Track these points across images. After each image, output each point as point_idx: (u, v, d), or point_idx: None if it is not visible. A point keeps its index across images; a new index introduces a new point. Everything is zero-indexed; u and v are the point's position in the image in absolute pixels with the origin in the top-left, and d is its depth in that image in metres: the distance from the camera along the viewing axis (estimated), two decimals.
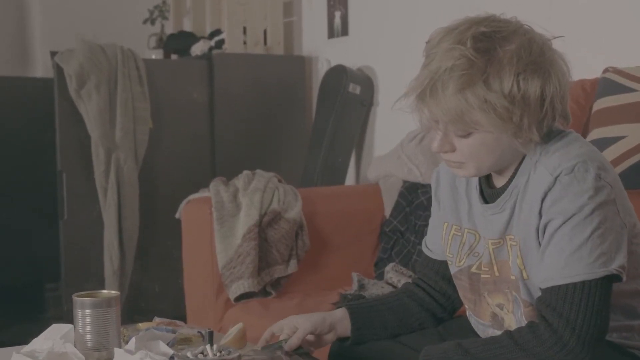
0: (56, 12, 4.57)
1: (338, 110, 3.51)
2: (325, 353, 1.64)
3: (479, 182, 1.51)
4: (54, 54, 3.36)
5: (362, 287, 2.55)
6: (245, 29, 3.89)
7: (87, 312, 1.52)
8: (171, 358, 1.45)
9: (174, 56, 4.12)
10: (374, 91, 3.58)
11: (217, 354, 1.41)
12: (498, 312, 1.49)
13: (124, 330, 1.64)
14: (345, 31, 3.72)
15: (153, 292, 3.52)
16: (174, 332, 1.64)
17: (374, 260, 2.82)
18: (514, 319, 1.46)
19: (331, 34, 3.80)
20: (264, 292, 2.62)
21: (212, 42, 3.91)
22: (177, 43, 4.09)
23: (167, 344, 1.51)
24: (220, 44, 3.86)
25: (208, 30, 4.08)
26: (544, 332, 1.31)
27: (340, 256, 2.79)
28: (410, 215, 2.78)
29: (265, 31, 3.95)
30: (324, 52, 3.86)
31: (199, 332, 1.67)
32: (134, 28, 4.37)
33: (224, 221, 2.63)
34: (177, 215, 2.85)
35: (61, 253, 3.37)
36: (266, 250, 2.63)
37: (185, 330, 1.68)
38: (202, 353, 1.41)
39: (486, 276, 1.49)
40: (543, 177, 1.36)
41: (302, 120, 3.88)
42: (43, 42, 4.53)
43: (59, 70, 3.29)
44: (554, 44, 1.39)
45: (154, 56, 4.16)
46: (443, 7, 3.06)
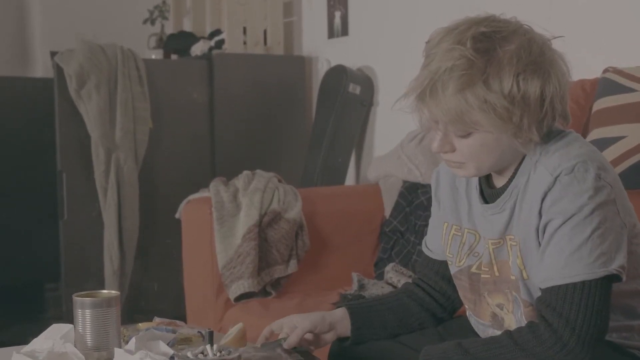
0: (56, 12, 4.57)
1: (338, 110, 3.51)
2: (325, 353, 1.64)
3: (479, 182, 1.51)
4: (54, 54, 3.36)
5: (362, 287, 2.55)
6: (245, 29, 3.89)
7: (87, 312, 1.52)
8: (171, 358, 1.45)
9: (174, 56, 4.11)
10: (374, 91, 3.58)
11: (217, 354, 1.41)
12: (498, 312, 1.49)
13: (124, 330, 1.64)
14: (345, 31, 3.72)
15: (153, 292, 3.51)
16: (174, 332, 1.64)
17: (374, 260, 2.82)
18: (514, 319, 1.46)
19: (331, 34, 3.80)
20: (264, 292, 2.62)
21: (212, 42, 3.91)
22: (177, 43, 4.08)
23: (167, 344, 1.51)
24: (220, 44, 3.86)
25: (208, 30, 4.08)
26: (544, 332, 1.31)
27: (340, 256, 2.79)
28: (410, 216, 2.78)
29: (265, 31, 3.95)
30: (324, 52, 3.85)
31: (199, 332, 1.68)
32: (134, 28, 4.37)
33: (224, 221, 2.63)
34: (177, 215, 2.85)
35: (61, 253, 3.37)
36: (266, 250, 2.63)
37: (185, 330, 1.68)
38: (202, 353, 1.41)
39: (486, 276, 1.49)
40: (543, 177, 1.36)
41: (302, 120, 3.87)
42: (43, 42, 4.53)
43: (59, 70, 3.29)
44: (554, 44, 1.39)
45: (154, 56, 4.16)
46: (443, 7, 3.06)
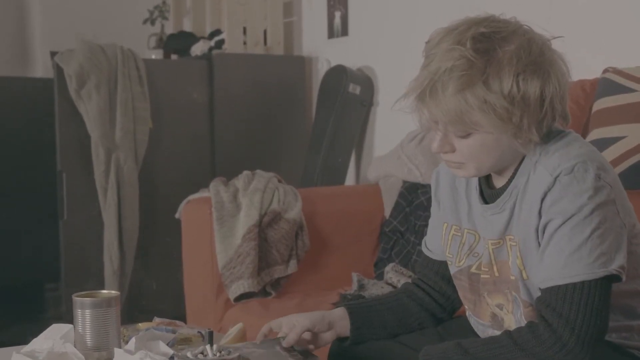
0: (56, 12, 4.57)
1: (338, 111, 3.51)
2: (325, 353, 1.64)
3: (479, 183, 1.51)
4: (54, 54, 3.36)
5: (362, 287, 2.55)
6: (245, 29, 3.89)
7: (87, 312, 1.52)
8: (171, 358, 1.45)
9: (174, 56, 4.11)
10: (374, 91, 3.58)
11: (217, 354, 1.41)
12: (498, 313, 1.49)
13: (124, 330, 1.64)
14: (345, 31, 3.72)
15: (153, 292, 3.51)
16: (174, 332, 1.64)
17: (374, 261, 2.82)
18: (514, 319, 1.46)
19: (331, 34, 3.80)
20: (264, 292, 2.62)
21: (212, 42, 3.91)
22: (177, 43, 4.09)
23: (167, 344, 1.51)
24: (220, 44, 3.86)
25: (208, 30, 4.08)
26: (544, 332, 1.31)
27: (340, 256, 2.79)
28: (410, 216, 2.78)
29: (265, 31, 3.95)
30: (324, 52, 3.85)
31: (199, 332, 1.68)
32: (134, 28, 4.37)
33: (224, 221, 2.63)
34: (177, 215, 2.85)
35: (61, 253, 3.37)
36: (266, 251, 2.63)
37: (185, 330, 1.69)
38: (202, 353, 1.41)
39: (486, 276, 1.49)
40: (543, 178, 1.36)
41: (302, 120, 3.87)
42: (43, 42, 4.53)
43: (59, 70, 3.29)
44: (553, 44, 1.39)
45: (154, 56, 4.16)
46: (443, 7, 3.06)
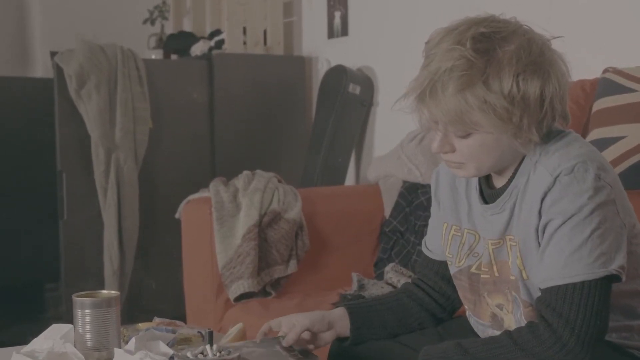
0: (56, 12, 4.57)
1: (338, 111, 3.51)
2: (325, 353, 1.64)
3: (479, 183, 1.51)
4: (54, 54, 3.36)
5: (361, 287, 2.55)
6: (245, 29, 3.89)
7: (87, 312, 1.52)
8: (171, 358, 1.45)
9: (173, 56, 4.11)
10: (374, 91, 3.58)
11: (217, 354, 1.41)
12: (498, 313, 1.49)
13: (124, 330, 1.64)
14: (345, 31, 3.72)
15: (153, 292, 3.51)
16: (174, 332, 1.64)
17: (374, 261, 2.82)
18: (514, 319, 1.46)
19: (331, 34, 3.80)
20: (264, 292, 2.62)
21: (212, 42, 3.91)
22: (177, 43, 4.09)
23: (167, 344, 1.51)
24: (220, 44, 3.86)
25: (208, 30, 4.08)
26: (544, 332, 1.31)
27: (340, 256, 2.79)
28: (410, 216, 2.78)
29: (265, 31, 3.95)
30: (324, 52, 3.85)
31: (198, 332, 1.68)
32: (134, 28, 4.37)
33: (224, 221, 2.63)
34: (177, 215, 2.85)
35: (61, 253, 3.37)
36: (266, 251, 2.63)
37: (185, 330, 1.69)
38: (202, 353, 1.41)
39: (486, 276, 1.49)
40: (543, 178, 1.36)
41: (302, 120, 3.87)
42: (43, 42, 4.53)
43: (59, 70, 3.29)
44: (553, 44, 1.39)
45: (153, 56, 4.16)
46: (443, 7, 3.06)
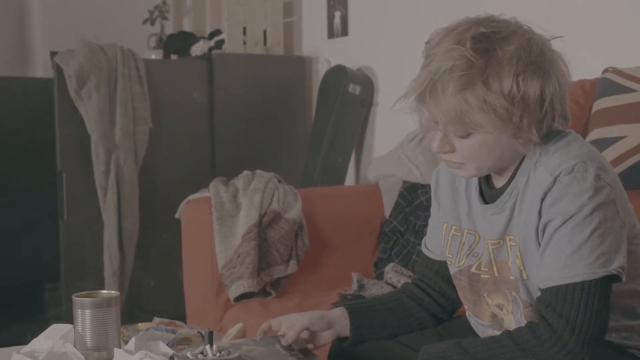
0: (56, 12, 4.57)
1: (338, 111, 3.51)
2: (325, 353, 1.64)
3: (479, 183, 1.51)
4: (54, 54, 3.36)
5: (361, 287, 2.55)
6: (245, 29, 3.89)
7: (87, 312, 1.52)
8: (171, 358, 1.45)
9: (173, 56, 4.11)
10: (373, 91, 3.58)
11: (217, 354, 1.41)
12: (498, 313, 1.49)
13: (124, 330, 1.64)
14: (345, 31, 3.72)
15: (153, 292, 3.52)
16: (174, 332, 1.64)
17: (374, 261, 2.82)
18: (514, 319, 1.46)
19: (331, 34, 3.80)
20: (264, 292, 2.62)
21: (212, 42, 3.91)
22: (177, 43, 4.09)
23: (167, 344, 1.51)
24: (220, 44, 3.86)
25: (208, 30, 4.08)
26: (544, 332, 1.31)
27: (340, 256, 2.79)
28: (410, 216, 2.78)
29: (265, 31, 3.95)
30: (324, 52, 3.85)
31: (198, 332, 1.68)
32: (134, 28, 4.37)
33: (224, 221, 2.63)
34: (177, 215, 2.85)
35: (61, 253, 3.37)
36: (266, 251, 2.63)
37: (185, 330, 1.68)
38: (202, 353, 1.41)
39: (486, 276, 1.49)
40: (543, 178, 1.36)
41: (302, 120, 3.87)
42: (43, 42, 4.53)
43: (58, 70, 3.29)
44: (553, 44, 1.39)
45: (153, 56, 4.16)
46: (443, 7, 3.06)
